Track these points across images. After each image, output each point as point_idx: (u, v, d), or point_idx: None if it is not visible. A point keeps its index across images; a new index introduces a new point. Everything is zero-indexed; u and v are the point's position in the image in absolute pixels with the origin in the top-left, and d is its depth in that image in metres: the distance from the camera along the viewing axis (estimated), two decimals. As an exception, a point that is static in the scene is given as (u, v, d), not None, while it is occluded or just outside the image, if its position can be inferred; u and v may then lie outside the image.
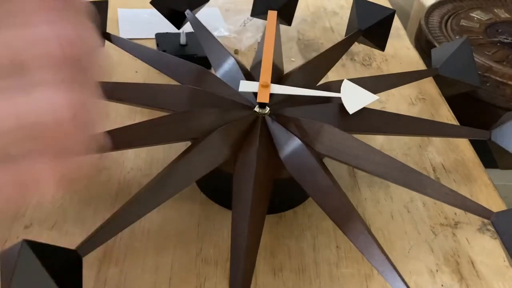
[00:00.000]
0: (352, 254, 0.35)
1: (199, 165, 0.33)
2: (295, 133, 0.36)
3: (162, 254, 0.34)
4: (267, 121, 0.37)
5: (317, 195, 0.32)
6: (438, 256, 0.36)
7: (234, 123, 0.36)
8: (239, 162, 0.34)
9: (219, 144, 0.34)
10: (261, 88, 0.36)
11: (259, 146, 0.34)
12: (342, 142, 0.35)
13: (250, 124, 0.37)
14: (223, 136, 0.35)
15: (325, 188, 0.32)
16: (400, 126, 0.39)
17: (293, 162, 0.34)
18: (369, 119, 0.37)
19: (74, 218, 0.36)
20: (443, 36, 0.68)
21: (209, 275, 0.33)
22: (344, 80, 0.34)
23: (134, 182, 0.39)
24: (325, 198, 0.32)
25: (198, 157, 0.33)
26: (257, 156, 0.33)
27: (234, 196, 0.32)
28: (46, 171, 0.18)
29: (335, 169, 0.42)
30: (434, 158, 0.45)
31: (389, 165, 0.33)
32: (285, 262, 0.35)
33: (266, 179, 0.33)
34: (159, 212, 0.37)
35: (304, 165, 0.34)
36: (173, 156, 0.34)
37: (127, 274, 0.33)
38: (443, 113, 0.51)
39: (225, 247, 0.35)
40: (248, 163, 0.33)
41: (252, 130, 0.36)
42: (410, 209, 0.39)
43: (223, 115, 0.37)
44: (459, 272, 0.35)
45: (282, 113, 0.38)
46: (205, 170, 0.33)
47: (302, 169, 0.34)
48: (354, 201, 0.40)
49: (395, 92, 0.53)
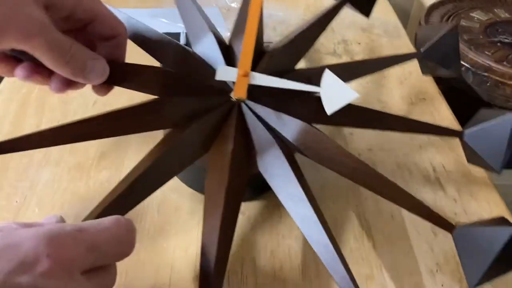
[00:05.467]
0: (352, 255, 0.35)
1: (172, 165, 0.32)
2: (270, 127, 0.35)
3: (162, 254, 0.34)
4: (244, 111, 0.36)
5: (287, 203, 0.32)
6: (438, 256, 0.36)
7: (209, 115, 0.35)
8: (212, 164, 0.33)
9: (194, 142, 0.34)
10: (240, 79, 0.34)
11: (234, 147, 0.33)
12: (318, 143, 0.34)
13: (226, 114, 0.36)
14: (197, 133, 0.34)
15: (295, 198, 0.32)
16: (375, 121, 0.39)
17: (264, 161, 0.34)
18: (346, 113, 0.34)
19: (74, 218, 0.36)
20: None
21: (209, 275, 0.33)
22: (326, 71, 0.32)
23: (134, 182, 0.39)
24: (295, 207, 0.32)
25: (170, 158, 0.32)
26: (231, 162, 0.32)
27: (206, 200, 0.31)
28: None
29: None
30: (435, 158, 0.45)
31: (363, 171, 0.33)
32: (286, 262, 0.34)
33: (240, 184, 0.33)
34: (159, 212, 0.37)
35: (276, 169, 0.33)
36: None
37: (127, 274, 0.33)
38: (443, 113, 0.51)
39: (225, 247, 0.35)
40: (221, 168, 0.32)
41: (228, 122, 0.35)
42: (410, 209, 0.39)
43: (198, 103, 0.35)
44: (459, 272, 0.35)
45: (260, 101, 0.36)
46: (178, 171, 0.33)
47: (275, 174, 0.33)
48: (355, 201, 0.40)
49: (395, 93, 0.53)
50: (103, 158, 0.42)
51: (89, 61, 0.30)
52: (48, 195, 0.38)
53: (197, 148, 0.34)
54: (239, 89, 0.34)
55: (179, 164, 0.33)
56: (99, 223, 0.25)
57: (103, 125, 0.32)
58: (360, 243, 0.36)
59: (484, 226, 0.30)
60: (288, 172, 0.33)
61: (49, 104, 0.47)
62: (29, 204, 0.37)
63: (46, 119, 0.45)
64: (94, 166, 0.41)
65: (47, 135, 0.30)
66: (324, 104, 0.32)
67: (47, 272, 0.20)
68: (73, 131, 0.31)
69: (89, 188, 0.39)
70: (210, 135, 0.35)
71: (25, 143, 0.30)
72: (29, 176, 0.39)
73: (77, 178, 0.40)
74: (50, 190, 0.38)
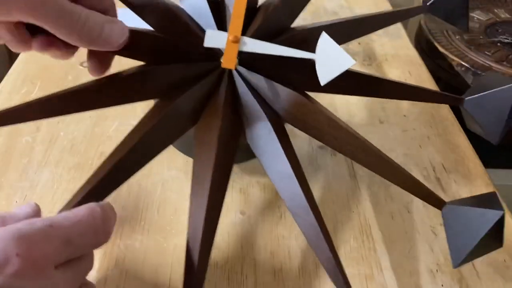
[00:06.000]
0: (352, 255, 0.35)
1: (160, 140, 0.31)
2: (262, 97, 0.34)
3: (162, 255, 0.34)
4: (235, 79, 0.34)
5: (276, 180, 0.31)
6: (438, 256, 0.36)
7: (199, 84, 0.33)
8: (199, 140, 0.32)
9: (183, 113, 0.33)
10: (229, 46, 0.32)
11: (222, 122, 0.32)
12: (309, 115, 0.33)
13: (216, 83, 0.34)
14: (186, 104, 0.33)
15: (284, 176, 0.31)
16: (372, 88, 0.37)
17: (253, 135, 0.33)
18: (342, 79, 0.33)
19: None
20: (443, 36, 0.68)
21: (209, 276, 0.33)
22: (322, 35, 0.30)
23: (134, 182, 0.39)
24: (282, 185, 0.31)
25: (158, 132, 0.31)
26: (219, 137, 0.31)
27: (193, 177, 0.30)
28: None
29: (335, 169, 0.43)
30: (434, 158, 0.45)
31: (354, 144, 0.32)
32: (285, 263, 0.34)
33: (227, 162, 0.32)
34: (159, 212, 0.37)
35: (268, 148, 0.32)
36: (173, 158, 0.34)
37: (127, 274, 0.33)
38: (444, 114, 0.51)
39: (226, 248, 0.35)
40: (208, 144, 0.31)
41: (218, 92, 0.34)
42: (410, 209, 0.39)
43: (187, 71, 0.34)
44: (459, 272, 0.35)
45: (252, 67, 0.35)
46: (167, 144, 0.32)
47: (264, 150, 0.32)
48: (355, 201, 0.40)
49: (395, 92, 0.53)
50: (103, 158, 0.42)
51: (106, 24, 0.28)
52: (48, 195, 0.38)
53: (186, 119, 0.33)
54: (227, 58, 0.32)
55: (168, 138, 0.32)
56: (73, 214, 0.24)
57: (89, 97, 0.31)
58: (360, 243, 0.36)
59: (473, 206, 0.30)
60: (277, 149, 0.32)
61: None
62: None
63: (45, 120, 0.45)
64: (94, 166, 0.41)
65: (33, 107, 0.29)
66: (318, 73, 0.30)
67: (18, 272, 0.20)
68: (59, 103, 0.30)
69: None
70: (199, 105, 0.33)
71: (9, 117, 0.29)
72: (29, 176, 0.39)
73: (77, 178, 0.40)
74: (50, 190, 0.38)
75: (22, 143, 0.43)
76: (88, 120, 0.45)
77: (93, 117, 0.46)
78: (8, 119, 0.29)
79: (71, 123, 0.45)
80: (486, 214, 0.29)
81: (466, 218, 0.30)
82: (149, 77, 0.33)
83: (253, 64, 0.35)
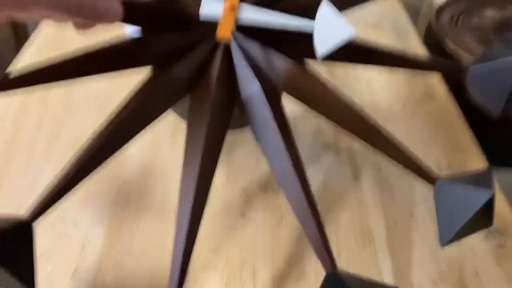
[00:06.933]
0: (353, 259, 0.35)
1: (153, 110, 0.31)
2: (258, 67, 0.33)
3: (161, 259, 0.34)
4: (231, 47, 0.33)
5: (267, 154, 0.30)
6: (441, 265, 0.35)
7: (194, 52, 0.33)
8: (193, 112, 0.31)
9: (177, 83, 0.32)
10: (226, 15, 0.31)
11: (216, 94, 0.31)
12: (306, 85, 0.32)
13: (212, 51, 0.33)
14: (180, 73, 0.32)
15: (275, 150, 0.30)
16: (367, 55, 0.36)
17: (248, 106, 0.32)
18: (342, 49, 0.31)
19: (73, 218, 0.36)
20: (454, 33, 0.66)
21: (207, 280, 0.33)
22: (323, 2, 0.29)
23: (134, 182, 0.39)
24: (273, 159, 0.30)
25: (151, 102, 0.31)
26: (212, 107, 0.30)
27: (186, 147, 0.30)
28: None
29: (338, 169, 0.42)
30: (440, 158, 0.44)
31: (350, 117, 0.31)
32: (285, 268, 0.34)
33: (220, 132, 0.31)
34: (158, 214, 0.37)
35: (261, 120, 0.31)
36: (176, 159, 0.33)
37: (125, 277, 0.33)
38: (450, 112, 0.49)
39: (224, 252, 0.35)
40: (202, 116, 0.30)
41: (213, 61, 0.33)
42: (415, 215, 0.39)
43: (182, 40, 0.33)
44: (462, 283, 0.34)
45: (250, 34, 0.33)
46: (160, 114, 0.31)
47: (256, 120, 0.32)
48: (358, 204, 0.39)
49: (402, 90, 0.52)
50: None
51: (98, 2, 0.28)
52: (48, 194, 0.38)
53: (181, 88, 0.32)
54: (223, 28, 0.31)
55: (162, 106, 0.31)
56: None
57: (84, 64, 0.31)
58: (361, 248, 0.36)
59: (465, 184, 0.29)
60: (269, 120, 0.31)
61: (52, 99, 0.47)
62: (30, 202, 0.37)
63: (48, 115, 0.45)
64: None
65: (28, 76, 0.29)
66: (316, 43, 0.29)
67: None
68: (53, 71, 0.30)
69: (88, 188, 0.38)
70: (194, 74, 0.33)
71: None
72: (29, 175, 0.39)
73: (77, 177, 0.39)
74: (50, 189, 0.38)
75: (24, 140, 0.42)
76: (91, 117, 0.45)
77: (97, 114, 0.45)
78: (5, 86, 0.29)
79: (73, 120, 0.45)
80: (477, 194, 0.28)
81: (456, 196, 0.29)
82: (144, 45, 0.32)
83: (250, 31, 0.34)
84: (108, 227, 0.36)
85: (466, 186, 0.29)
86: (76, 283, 0.32)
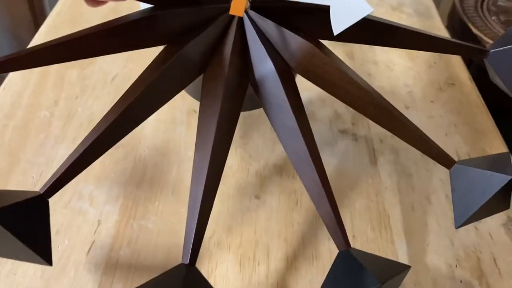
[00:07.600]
0: (369, 245, 0.34)
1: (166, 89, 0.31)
2: (272, 46, 0.32)
3: (175, 236, 0.34)
4: (245, 24, 0.33)
5: (280, 134, 0.30)
6: (459, 251, 0.34)
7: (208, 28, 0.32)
8: (205, 91, 0.31)
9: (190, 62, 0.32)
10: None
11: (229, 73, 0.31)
12: (320, 66, 0.32)
13: (226, 28, 0.33)
14: (194, 50, 0.31)
15: (288, 129, 0.30)
16: (390, 38, 0.35)
17: (261, 85, 0.32)
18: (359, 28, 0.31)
19: (89, 197, 0.36)
20: (478, 16, 0.64)
21: (221, 259, 0.33)
22: None
23: (150, 161, 0.39)
24: (287, 139, 0.30)
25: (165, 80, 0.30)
26: (225, 87, 0.30)
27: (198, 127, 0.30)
28: None
29: (355, 155, 0.41)
30: (461, 148, 0.43)
31: (365, 99, 0.31)
32: (299, 249, 0.34)
33: (233, 113, 0.31)
34: (173, 193, 0.37)
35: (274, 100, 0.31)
36: (192, 139, 0.33)
37: (139, 255, 0.33)
38: (472, 100, 0.48)
39: (239, 232, 0.35)
40: (214, 95, 0.30)
41: (227, 38, 0.32)
42: (432, 201, 0.38)
43: (195, 15, 0.32)
44: (479, 268, 0.33)
45: (264, 11, 0.33)
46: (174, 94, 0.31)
47: (270, 100, 0.31)
48: (374, 190, 0.38)
49: (423, 76, 0.51)
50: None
51: None
52: (64, 171, 0.38)
53: (194, 66, 0.32)
54: (236, 3, 0.30)
55: (175, 86, 0.31)
56: None
57: (97, 42, 0.30)
58: (377, 234, 0.35)
59: (482, 168, 0.29)
60: (282, 100, 0.31)
61: (68, 78, 0.47)
62: (45, 179, 0.37)
63: (64, 93, 0.45)
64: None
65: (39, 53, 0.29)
66: (332, 22, 0.28)
67: None
68: (66, 49, 0.30)
69: (104, 167, 0.39)
70: (208, 52, 0.32)
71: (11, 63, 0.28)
72: (46, 152, 0.39)
73: (93, 155, 0.39)
74: (67, 167, 0.38)
75: (40, 117, 0.43)
76: (106, 96, 0.45)
77: (111, 93, 0.45)
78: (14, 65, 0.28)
79: (89, 98, 0.45)
80: (494, 177, 0.28)
81: (473, 179, 0.29)
82: (157, 21, 0.32)
83: (264, 9, 0.33)
84: (123, 205, 0.36)
85: (483, 169, 0.29)
86: (92, 259, 0.32)
